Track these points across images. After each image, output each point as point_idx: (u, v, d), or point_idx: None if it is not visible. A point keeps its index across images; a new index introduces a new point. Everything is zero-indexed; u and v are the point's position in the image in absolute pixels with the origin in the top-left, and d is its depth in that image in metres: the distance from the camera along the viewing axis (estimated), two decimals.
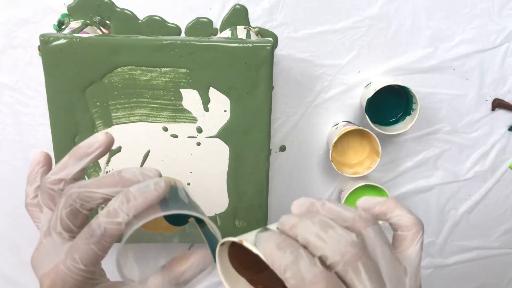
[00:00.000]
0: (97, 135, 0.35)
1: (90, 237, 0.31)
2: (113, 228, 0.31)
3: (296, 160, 0.69)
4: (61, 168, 0.35)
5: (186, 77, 0.53)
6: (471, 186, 0.72)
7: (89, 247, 0.31)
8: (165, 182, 0.33)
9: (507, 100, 0.68)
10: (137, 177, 0.33)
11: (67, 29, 0.58)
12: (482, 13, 0.64)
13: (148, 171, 0.34)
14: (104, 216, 0.31)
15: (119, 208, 0.31)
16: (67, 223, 0.33)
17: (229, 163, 0.57)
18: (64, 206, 0.33)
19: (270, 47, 0.53)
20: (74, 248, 0.32)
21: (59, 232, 0.33)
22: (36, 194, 0.37)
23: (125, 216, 0.31)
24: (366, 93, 0.63)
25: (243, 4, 0.62)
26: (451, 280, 0.78)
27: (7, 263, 0.72)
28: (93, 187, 0.33)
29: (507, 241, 0.76)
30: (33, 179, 0.38)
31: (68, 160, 0.35)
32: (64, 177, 0.35)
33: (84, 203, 0.33)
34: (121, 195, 0.32)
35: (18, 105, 0.64)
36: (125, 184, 0.33)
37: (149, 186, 0.32)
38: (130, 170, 0.33)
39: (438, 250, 0.76)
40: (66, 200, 0.33)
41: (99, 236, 0.31)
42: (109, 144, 0.35)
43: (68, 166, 0.35)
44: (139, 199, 0.31)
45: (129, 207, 0.31)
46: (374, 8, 0.63)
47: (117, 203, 0.31)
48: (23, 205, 0.71)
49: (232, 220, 0.60)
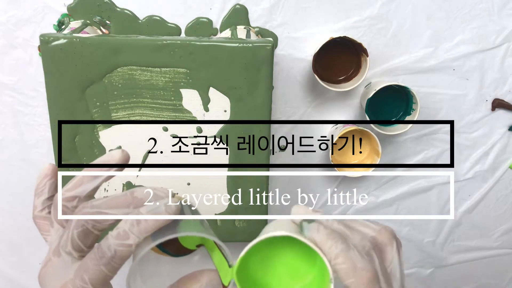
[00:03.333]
0: (113, 153, 0.35)
1: (100, 259, 0.31)
2: (123, 250, 0.31)
3: (296, 160, 0.69)
4: (76, 185, 0.34)
5: (186, 77, 0.53)
6: (471, 186, 0.72)
7: (98, 268, 0.31)
8: (176, 204, 0.33)
9: (507, 100, 0.68)
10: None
11: (67, 29, 0.58)
12: (482, 13, 0.64)
13: (159, 191, 0.34)
14: (114, 238, 0.31)
15: (129, 230, 0.31)
16: (78, 243, 0.33)
17: (229, 163, 0.57)
18: (75, 226, 0.32)
19: (270, 47, 0.53)
20: (83, 268, 0.31)
21: (68, 251, 0.33)
22: (44, 206, 0.37)
23: (136, 239, 0.31)
24: (366, 93, 0.63)
25: (243, 4, 0.62)
26: (451, 280, 0.78)
27: (7, 263, 0.73)
28: (106, 207, 0.32)
29: (507, 241, 0.76)
30: (41, 192, 0.37)
31: (83, 178, 0.34)
32: (79, 195, 0.34)
33: (97, 224, 0.32)
34: (131, 216, 0.31)
35: (18, 105, 0.64)
36: (138, 205, 0.33)
37: (160, 208, 0.32)
38: (142, 190, 0.33)
39: (438, 250, 0.76)
40: (78, 221, 0.32)
41: (109, 258, 0.31)
42: (125, 161, 0.35)
43: (83, 184, 0.34)
44: (150, 222, 0.31)
45: (140, 230, 0.31)
46: (374, 8, 0.63)
47: (127, 225, 0.31)
48: (23, 205, 0.72)
49: (232, 220, 0.60)
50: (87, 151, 0.56)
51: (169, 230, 0.32)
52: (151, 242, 0.32)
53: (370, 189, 0.71)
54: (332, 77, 0.64)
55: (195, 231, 0.33)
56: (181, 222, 0.33)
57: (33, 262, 0.72)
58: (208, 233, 0.34)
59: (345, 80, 0.64)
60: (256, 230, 0.61)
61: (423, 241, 0.75)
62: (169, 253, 0.40)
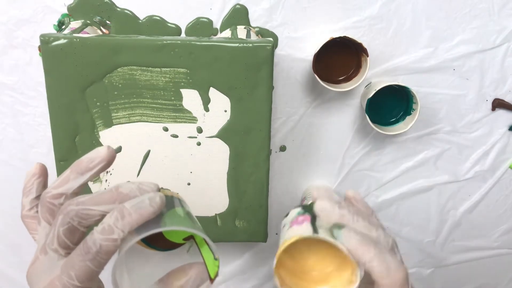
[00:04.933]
0: (99, 149, 0.35)
1: (85, 254, 0.31)
2: (108, 244, 0.31)
3: (296, 160, 0.69)
4: (62, 182, 0.34)
5: (186, 77, 0.53)
6: (471, 186, 0.72)
7: (84, 264, 0.31)
8: (161, 197, 0.33)
9: (507, 100, 0.68)
10: (135, 192, 0.33)
11: (67, 29, 0.58)
12: (482, 13, 0.64)
13: (145, 186, 0.34)
14: (99, 233, 0.31)
15: (114, 224, 0.31)
16: (64, 240, 0.33)
17: (229, 163, 0.57)
18: (61, 223, 0.32)
19: (270, 47, 0.53)
20: (69, 264, 0.31)
21: (55, 249, 0.33)
22: (32, 206, 0.37)
23: (121, 233, 0.31)
24: (366, 93, 0.63)
25: (243, 4, 0.62)
26: (451, 280, 0.78)
27: (7, 263, 0.72)
28: (91, 204, 0.32)
29: (507, 241, 0.76)
30: (29, 191, 0.37)
31: (69, 175, 0.34)
32: (65, 192, 0.34)
33: (82, 220, 0.32)
34: (115, 211, 0.31)
35: (18, 105, 0.64)
36: (123, 200, 0.33)
37: (144, 202, 0.32)
38: (127, 186, 0.33)
39: (438, 250, 0.76)
40: (64, 218, 0.32)
41: (95, 253, 0.31)
42: (111, 158, 0.35)
43: (70, 181, 0.34)
44: (134, 216, 0.31)
45: (124, 224, 0.31)
46: (374, 8, 0.63)
47: (112, 219, 0.31)
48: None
49: (232, 220, 0.60)
50: (87, 151, 0.56)
51: (155, 224, 0.32)
52: (136, 236, 0.32)
53: (370, 189, 0.71)
54: (332, 77, 0.64)
55: (181, 225, 0.33)
56: (165, 216, 0.33)
57: None
58: (195, 227, 0.34)
59: (345, 80, 0.64)
60: (256, 230, 0.61)
61: (423, 241, 0.75)
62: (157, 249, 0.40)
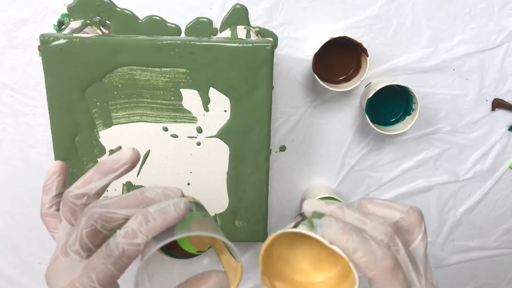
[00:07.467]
0: (124, 151, 0.34)
1: (107, 257, 0.31)
2: (131, 249, 0.31)
3: (296, 160, 0.69)
4: (85, 182, 0.34)
5: (186, 77, 0.53)
6: (471, 186, 0.72)
7: (106, 267, 0.31)
8: (185, 203, 0.32)
9: (507, 100, 0.68)
10: (160, 197, 0.33)
11: (67, 29, 0.58)
12: (482, 13, 0.64)
13: (170, 191, 0.33)
14: (122, 236, 0.31)
15: (137, 229, 0.31)
16: (86, 242, 0.32)
17: (229, 163, 0.57)
18: (85, 226, 0.32)
19: (270, 47, 0.53)
20: (91, 267, 0.31)
21: (76, 250, 0.32)
22: (52, 204, 0.37)
23: (144, 238, 0.31)
24: (366, 93, 0.63)
25: (243, 4, 0.62)
26: (451, 280, 0.78)
27: (7, 263, 0.72)
28: (115, 207, 0.32)
29: (507, 241, 0.76)
30: (49, 189, 0.37)
31: (93, 175, 0.34)
32: (88, 192, 0.34)
33: (106, 224, 0.32)
34: (140, 215, 0.31)
35: (18, 105, 0.64)
36: (147, 204, 0.32)
37: (169, 207, 0.32)
38: (153, 190, 0.33)
39: (438, 250, 0.76)
40: (87, 220, 0.32)
41: (117, 257, 0.30)
42: (135, 160, 0.35)
43: (93, 181, 0.34)
44: (158, 221, 0.31)
45: (148, 229, 0.31)
46: (374, 8, 0.63)
47: (136, 224, 0.31)
48: (23, 205, 0.72)
49: (232, 220, 0.60)
50: (87, 151, 0.56)
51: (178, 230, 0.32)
52: (160, 241, 0.31)
53: (370, 189, 0.71)
54: (332, 77, 0.64)
55: (205, 231, 0.33)
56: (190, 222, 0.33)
57: (33, 262, 0.72)
58: (218, 233, 0.33)
59: (345, 80, 0.64)
60: (256, 230, 0.61)
61: None
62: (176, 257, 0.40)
